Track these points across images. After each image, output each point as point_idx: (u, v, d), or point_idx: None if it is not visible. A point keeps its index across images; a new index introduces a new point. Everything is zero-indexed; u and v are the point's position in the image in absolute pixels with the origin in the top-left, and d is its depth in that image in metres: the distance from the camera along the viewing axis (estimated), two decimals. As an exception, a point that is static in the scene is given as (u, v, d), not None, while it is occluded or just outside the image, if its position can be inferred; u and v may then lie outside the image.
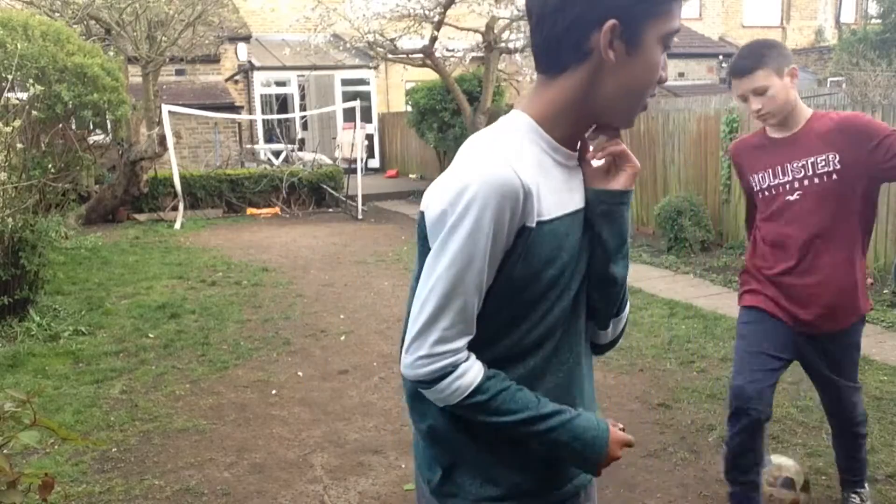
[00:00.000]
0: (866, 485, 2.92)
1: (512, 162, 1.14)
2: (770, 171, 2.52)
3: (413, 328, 1.21)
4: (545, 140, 1.20)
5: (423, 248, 1.22)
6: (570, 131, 1.22)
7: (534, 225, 1.16)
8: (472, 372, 1.21)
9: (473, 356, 1.22)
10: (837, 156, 2.39)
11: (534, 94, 1.23)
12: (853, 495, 2.90)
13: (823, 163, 2.41)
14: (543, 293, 1.21)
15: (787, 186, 2.48)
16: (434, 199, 1.17)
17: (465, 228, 1.13)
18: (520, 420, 1.22)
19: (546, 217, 1.18)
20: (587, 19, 1.13)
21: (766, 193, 2.55)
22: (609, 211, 1.24)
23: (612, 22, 1.12)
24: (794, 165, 2.46)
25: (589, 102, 1.19)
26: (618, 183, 1.26)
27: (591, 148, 1.28)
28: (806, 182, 2.44)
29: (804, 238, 2.46)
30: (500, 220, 1.12)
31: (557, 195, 1.21)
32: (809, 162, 2.43)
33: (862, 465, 2.89)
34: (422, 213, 1.21)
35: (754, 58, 2.40)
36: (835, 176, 2.40)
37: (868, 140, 2.35)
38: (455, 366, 1.20)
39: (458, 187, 1.13)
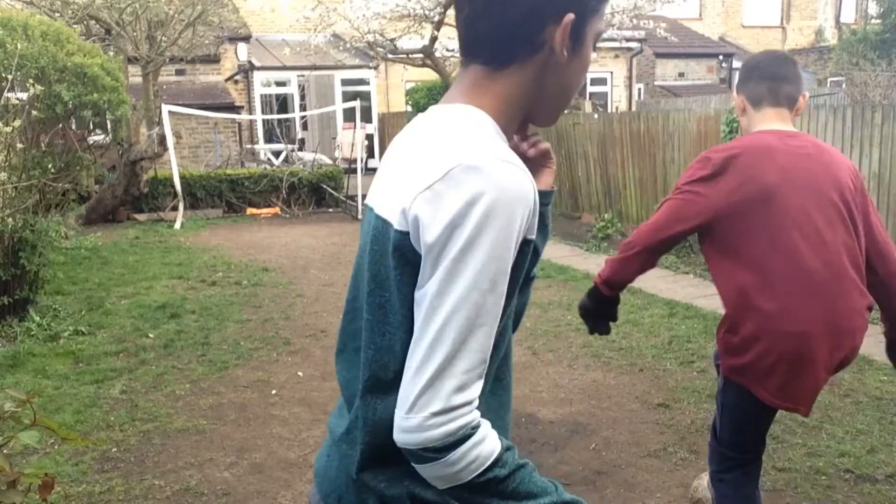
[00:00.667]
0: None
1: (523, 166, 1.01)
2: None
3: (420, 378, 0.96)
4: (504, 140, 1.08)
5: (403, 272, 1.00)
6: (510, 129, 1.12)
7: (533, 237, 1.03)
8: (492, 438, 1.00)
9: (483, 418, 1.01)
10: None
11: (474, 88, 1.09)
12: None
13: None
14: (507, 308, 1.06)
15: None
16: (427, 211, 0.97)
17: (487, 242, 0.94)
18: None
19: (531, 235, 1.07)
20: (545, 12, 1.05)
21: None
22: (542, 213, 1.09)
23: (571, 16, 1.04)
24: None
25: (531, 98, 1.10)
26: (543, 183, 1.18)
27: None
28: None
29: None
30: (518, 234, 0.98)
31: None
32: None
33: None
34: (399, 232, 1.00)
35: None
36: None
37: None
38: (475, 427, 0.97)
39: (472, 194, 0.95)
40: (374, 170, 12.44)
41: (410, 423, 0.96)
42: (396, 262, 1.01)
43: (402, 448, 0.99)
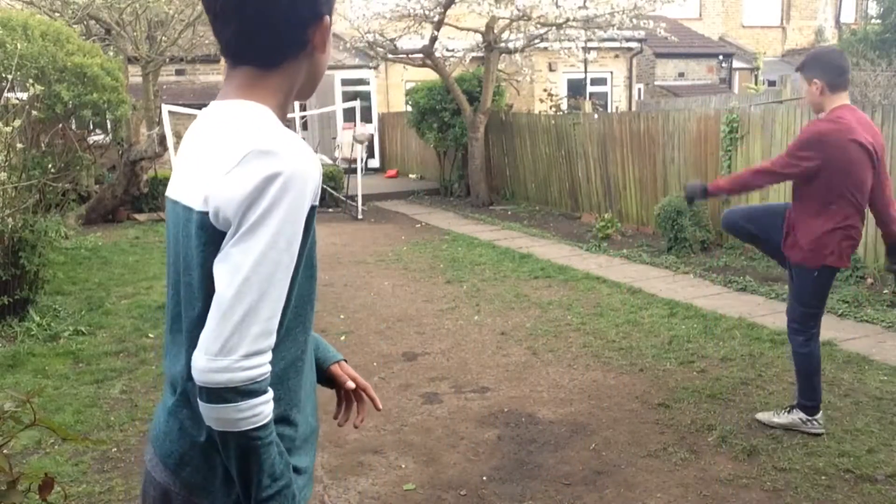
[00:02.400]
0: None
1: (307, 146, 1.20)
2: None
3: (227, 323, 1.10)
4: (284, 127, 1.27)
5: (205, 250, 1.16)
6: (285, 115, 1.29)
7: (317, 203, 1.20)
8: (272, 403, 1.15)
9: None
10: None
11: (249, 86, 1.25)
12: None
13: None
14: (313, 274, 1.27)
15: None
16: (228, 191, 1.13)
17: (281, 212, 1.11)
18: (276, 488, 1.17)
19: None
20: (308, 19, 1.24)
21: None
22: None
23: (328, 18, 1.26)
24: None
25: (298, 87, 1.30)
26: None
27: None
28: None
29: None
30: (303, 209, 1.15)
31: None
32: None
33: None
34: (202, 213, 1.16)
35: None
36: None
37: None
38: (269, 385, 1.14)
39: (268, 173, 1.11)
40: (374, 170, 12.47)
41: (219, 364, 1.09)
42: (200, 241, 1.16)
43: (202, 387, 1.11)
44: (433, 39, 11.64)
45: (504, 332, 5.45)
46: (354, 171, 12.11)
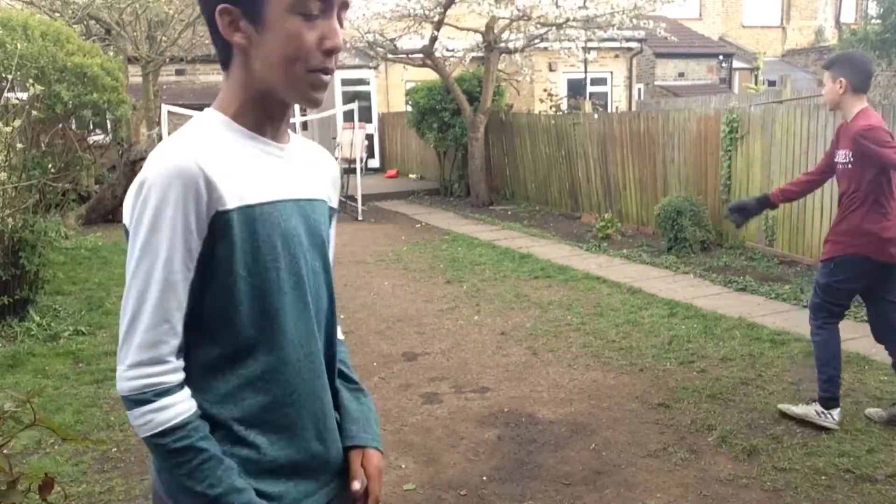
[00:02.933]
0: None
1: (189, 149, 1.13)
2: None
3: (120, 337, 1.14)
4: (238, 130, 1.21)
5: None
6: (259, 118, 1.22)
7: (228, 208, 1.13)
8: (176, 409, 1.13)
9: (188, 390, 1.15)
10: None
11: (220, 92, 1.25)
12: None
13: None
14: (261, 283, 1.17)
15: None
16: (125, 205, 1.16)
17: (147, 220, 1.10)
18: (209, 497, 1.13)
19: (246, 202, 1.16)
20: (210, 15, 1.17)
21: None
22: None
23: (220, 7, 1.15)
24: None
25: (254, 85, 1.20)
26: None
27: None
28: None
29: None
30: (185, 208, 1.10)
31: (264, 182, 1.20)
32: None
33: None
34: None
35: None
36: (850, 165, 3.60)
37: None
38: (159, 394, 1.12)
39: (137, 184, 1.12)
40: (374, 170, 12.49)
41: (118, 373, 1.14)
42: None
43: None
44: (433, 39, 11.64)
45: (504, 332, 5.45)
46: (354, 171, 12.11)
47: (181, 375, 1.15)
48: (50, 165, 6.78)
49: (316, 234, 1.29)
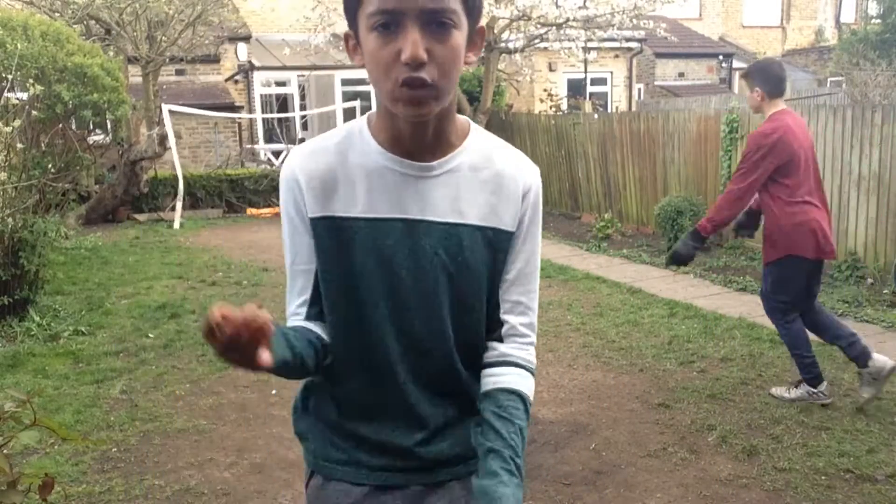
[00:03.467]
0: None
1: (303, 153, 1.27)
2: None
3: None
4: (367, 142, 1.26)
5: None
6: (392, 134, 1.24)
7: (317, 216, 1.25)
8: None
9: (307, 324, 1.31)
10: None
11: None
12: None
13: None
14: (344, 291, 1.27)
15: None
16: None
17: (281, 205, 1.30)
18: None
19: (338, 214, 1.24)
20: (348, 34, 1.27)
21: None
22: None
23: (345, 32, 1.26)
24: None
25: (381, 103, 1.24)
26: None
27: None
28: None
29: None
30: (290, 204, 1.27)
31: (371, 196, 1.24)
32: None
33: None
34: None
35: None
36: None
37: None
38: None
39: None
40: (374, 170, 12.41)
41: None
42: None
43: None
44: (433, 39, 11.63)
45: (504, 332, 5.44)
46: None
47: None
48: (50, 165, 6.78)
49: (422, 257, 1.25)
